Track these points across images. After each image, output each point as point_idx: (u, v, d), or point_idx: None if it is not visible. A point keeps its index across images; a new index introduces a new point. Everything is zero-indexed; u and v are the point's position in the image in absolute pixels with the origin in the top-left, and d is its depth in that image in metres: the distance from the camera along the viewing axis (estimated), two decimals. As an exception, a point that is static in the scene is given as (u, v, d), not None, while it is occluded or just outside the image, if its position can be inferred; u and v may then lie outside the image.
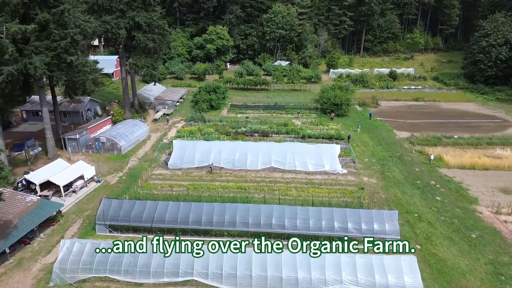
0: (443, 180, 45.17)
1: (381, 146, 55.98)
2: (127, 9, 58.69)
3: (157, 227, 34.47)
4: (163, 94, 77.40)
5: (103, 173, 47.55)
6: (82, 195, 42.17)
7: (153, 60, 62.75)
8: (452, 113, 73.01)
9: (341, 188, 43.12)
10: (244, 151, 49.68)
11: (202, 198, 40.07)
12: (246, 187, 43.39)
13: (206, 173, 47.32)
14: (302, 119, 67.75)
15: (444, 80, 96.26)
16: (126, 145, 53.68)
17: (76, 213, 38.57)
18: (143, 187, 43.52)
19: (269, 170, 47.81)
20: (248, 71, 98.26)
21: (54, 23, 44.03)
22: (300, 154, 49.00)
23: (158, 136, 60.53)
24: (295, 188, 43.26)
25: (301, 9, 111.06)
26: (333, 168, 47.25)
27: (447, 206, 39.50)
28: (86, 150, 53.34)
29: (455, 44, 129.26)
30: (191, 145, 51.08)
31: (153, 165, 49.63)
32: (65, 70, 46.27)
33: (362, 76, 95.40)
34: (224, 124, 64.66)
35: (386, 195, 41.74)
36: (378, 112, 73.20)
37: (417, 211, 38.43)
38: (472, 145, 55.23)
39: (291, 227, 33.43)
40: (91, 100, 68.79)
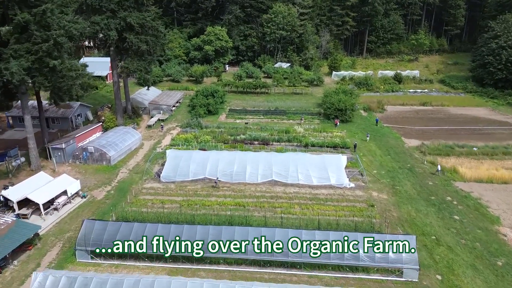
0: (459, 196, 41.43)
1: (390, 156, 52.24)
2: (118, 9, 54.95)
3: (144, 253, 30.73)
4: (158, 98, 73.66)
5: (89, 187, 43.80)
6: (64, 213, 38.38)
7: (146, 63, 58.95)
8: (462, 118, 69.30)
9: (349, 205, 39.39)
10: (243, 162, 45.97)
11: (196, 217, 36.33)
12: (244, 203, 39.65)
13: (202, 187, 43.62)
14: (304, 125, 64.06)
15: (451, 83, 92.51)
16: (116, 155, 49.93)
17: (57, 235, 34.81)
18: (132, 204, 39.77)
19: (269, 184, 44.08)
20: (247, 73, 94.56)
21: (35, 24, 40.32)
22: (304, 165, 45.29)
23: (151, 144, 56.76)
24: (299, 204, 39.53)
25: (303, 9, 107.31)
26: (339, 181, 43.51)
27: (467, 226, 35.77)
28: (73, 161, 49.58)
29: (460, 46, 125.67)
30: (186, 155, 47.36)
31: (145, 178, 45.88)
32: (48, 75, 42.52)
33: (366, 78, 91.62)
34: (222, 131, 60.96)
35: (399, 214, 38.00)
36: (384, 117, 69.48)
37: (435, 233, 34.70)
38: (488, 155, 51.47)
39: (296, 254, 29.70)
40: (82, 105, 65.11)
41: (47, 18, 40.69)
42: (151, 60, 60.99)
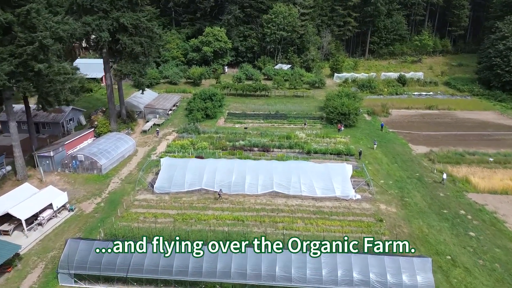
0: (473, 209, 38.71)
1: (397, 164, 49.52)
2: (111, 9, 52.16)
3: (133, 277, 28.03)
4: (154, 101, 70.92)
5: (78, 199, 41.06)
6: (49, 229, 35.64)
7: (141, 66, 56.16)
8: (470, 123, 66.57)
9: (356, 219, 36.68)
10: (242, 171, 43.25)
11: (191, 233, 33.61)
12: (243, 218, 36.93)
13: (198, 198, 40.92)
14: (307, 130, 61.34)
15: (457, 85, 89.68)
16: (108, 163, 47.19)
17: (39, 254, 32.09)
18: (123, 218, 37.05)
19: (270, 195, 41.37)
20: (247, 75, 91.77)
21: (19, 25, 37.69)
22: (306, 175, 42.57)
23: (146, 151, 54.02)
24: (301, 219, 36.82)
25: (304, 9, 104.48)
26: (345, 193, 40.79)
27: (484, 244, 33.07)
28: (62, 170, 46.85)
29: (464, 47, 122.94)
30: (182, 164, 44.63)
31: (137, 188, 43.15)
32: (33, 79, 39.84)
33: (369, 81, 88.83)
34: (220, 136, 58.25)
35: (410, 230, 35.28)
36: (389, 122, 66.76)
37: (450, 252, 31.99)
38: (500, 164, 48.76)
39: (300, 279, 27.01)
40: (74, 109, 62.36)
41: (32, 18, 38.07)
42: (146, 63, 58.24)
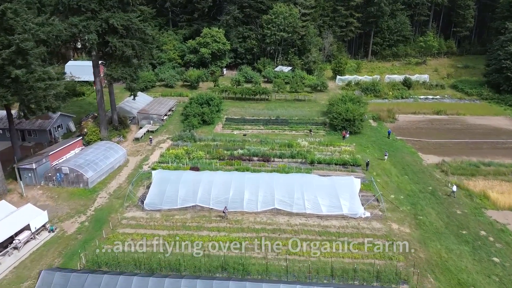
0: (495, 230, 35.19)
1: (407, 176, 46.00)
2: (99, 9, 48.67)
3: (115, 317, 24.55)
4: (148, 106, 67.37)
5: (60, 217, 37.48)
6: (26, 253, 32.07)
7: (132, 70, 52.59)
8: (482, 129, 63.04)
9: (366, 241, 33.11)
10: (240, 186, 39.72)
11: (183, 261, 30.03)
12: (241, 240, 33.41)
13: (192, 216, 37.39)
14: (309, 138, 57.82)
15: (465, 88, 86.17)
16: (95, 176, 43.63)
17: (12, 285, 28.53)
18: (108, 240, 33.50)
19: (271, 213, 37.83)
20: (246, 78, 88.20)
21: (-6, 27, 34.19)
22: (311, 190, 39.04)
23: (137, 161, 50.46)
24: (306, 241, 33.26)
25: (305, 9, 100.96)
26: (353, 210, 37.26)
27: (510, 273, 29.58)
28: (45, 183, 43.26)
29: (469, 48, 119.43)
30: (175, 178, 41.09)
31: (126, 204, 39.58)
32: (11, 86, 36.31)
33: (373, 84, 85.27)
34: (217, 144, 54.73)
35: (426, 254, 31.76)
36: (396, 128, 63.24)
37: (473, 282, 28.50)
38: (519, 176, 45.39)
39: (306, 320, 23.55)
40: (63, 115, 58.85)
41: (8, 20, 34.54)
42: (138, 66, 54.69)
